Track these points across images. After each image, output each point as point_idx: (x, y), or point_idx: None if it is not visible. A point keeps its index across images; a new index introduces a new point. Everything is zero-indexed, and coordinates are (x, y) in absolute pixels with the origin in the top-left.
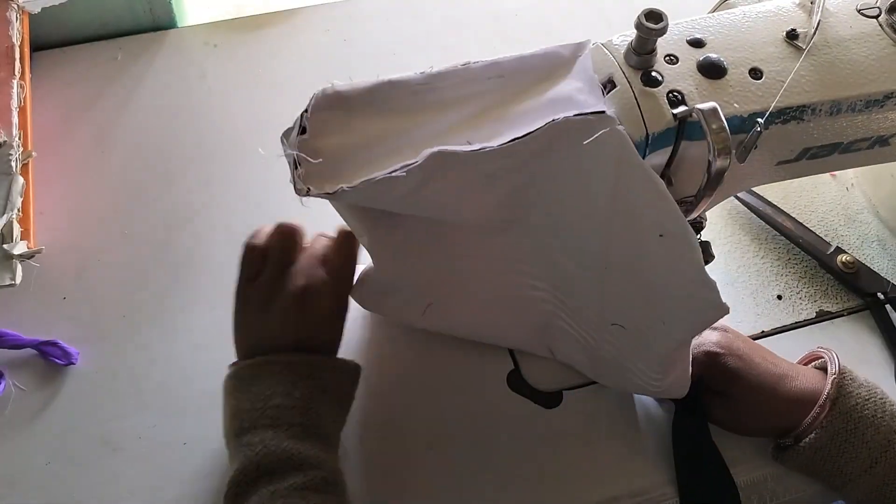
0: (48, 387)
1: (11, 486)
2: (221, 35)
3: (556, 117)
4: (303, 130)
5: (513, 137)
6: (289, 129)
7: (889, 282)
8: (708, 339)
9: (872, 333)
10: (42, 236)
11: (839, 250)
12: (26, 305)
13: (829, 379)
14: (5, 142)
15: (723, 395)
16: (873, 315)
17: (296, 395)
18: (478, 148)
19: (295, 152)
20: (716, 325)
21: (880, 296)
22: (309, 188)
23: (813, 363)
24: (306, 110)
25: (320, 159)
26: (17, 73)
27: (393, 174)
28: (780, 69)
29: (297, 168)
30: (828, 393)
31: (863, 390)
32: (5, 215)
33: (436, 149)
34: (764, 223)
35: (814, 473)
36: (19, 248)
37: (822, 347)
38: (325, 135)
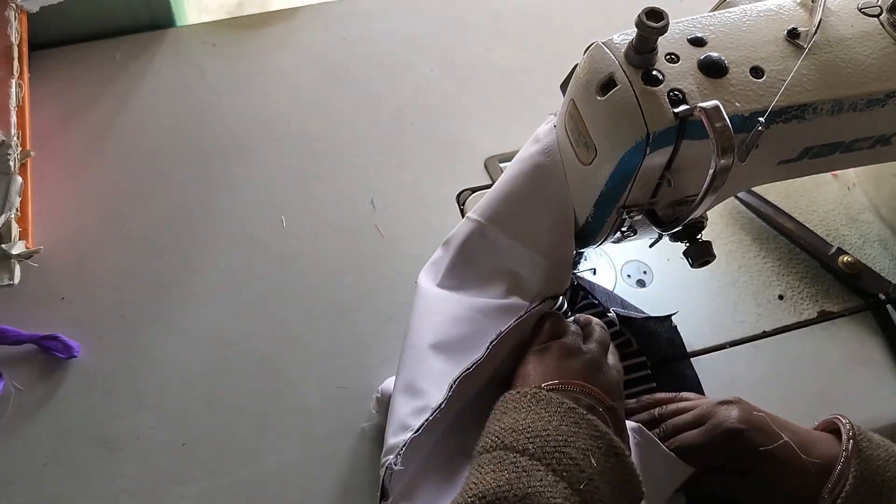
0: (47, 387)
1: (11, 486)
2: (221, 34)
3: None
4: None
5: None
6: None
7: (890, 282)
8: (728, 415)
9: (874, 334)
10: (40, 236)
11: (840, 251)
12: (25, 305)
13: (844, 442)
14: (4, 141)
15: (746, 474)
16: (874, 315)
17: (593, 462)
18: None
19: None
20: (730, 398)
21: (882, 296)
22: None
23: (826, 429)
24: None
25: None
26: (15, 72)
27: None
28: (782, 68)
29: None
30: (844, 458)
31: (881, 451)
32: (3, 215)
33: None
34: (765, 224)
35: None
36: (18, 247)
37: (837, 416)
38: None
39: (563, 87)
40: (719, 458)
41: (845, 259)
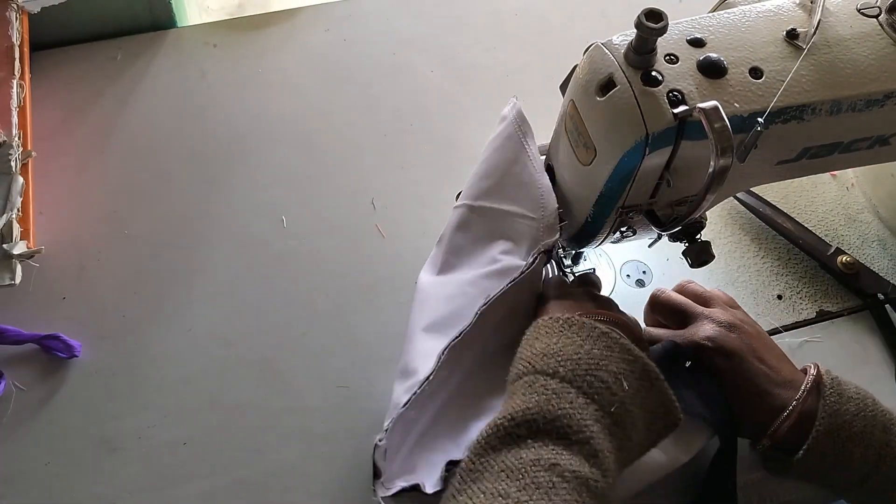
0: (48, 386)
1: (11, 486)
2: (221, 35)
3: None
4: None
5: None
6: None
7: (889, 282)
8: (702, 331)
9: (872, 334)
10: (42, 236)
11: (839, 251)
12: (26, 305)
13: (801, 392)
14: (5, 141)
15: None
16: (873, 315)
17: (625, 385)
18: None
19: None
20: (726, 317)
21: (880, 296)
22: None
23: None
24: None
25: None
26: (16, 72)
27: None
28: (781, 69)
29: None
30: (793, 406)
31: (851, 405)
32: (5, 215)
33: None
34: (764, 224)
35: (807, 482)
36: (19, 247)
37: (811, 364)
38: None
39: (563, 87)
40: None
41: (844, 259)
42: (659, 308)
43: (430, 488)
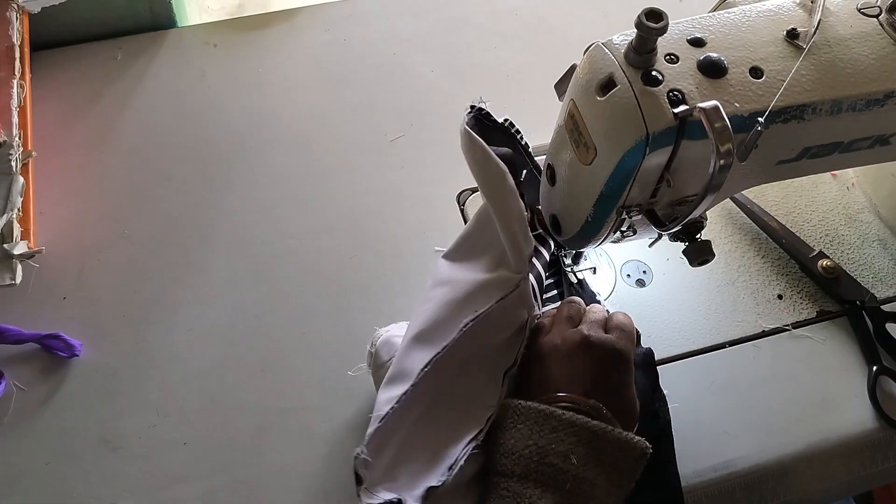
0: (49, 386)
1: (12, 486)
2: (221, 35)
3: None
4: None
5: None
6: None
7: (868, 290)
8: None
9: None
10: (42, 236)
11: (822, 255)
12: (26, 305)
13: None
14: (5, 141)
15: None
16: (850, 322)
17: (573, 460)
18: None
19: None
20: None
21: (858, 303)
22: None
23: None
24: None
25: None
26: (17, 72)
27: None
28: (781, 68)
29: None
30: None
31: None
32: (5, 215)
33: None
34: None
35: None
36: (19, 247)
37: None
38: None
39: (558, 87)
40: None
41: (825, 263)
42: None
43: (411, 502)
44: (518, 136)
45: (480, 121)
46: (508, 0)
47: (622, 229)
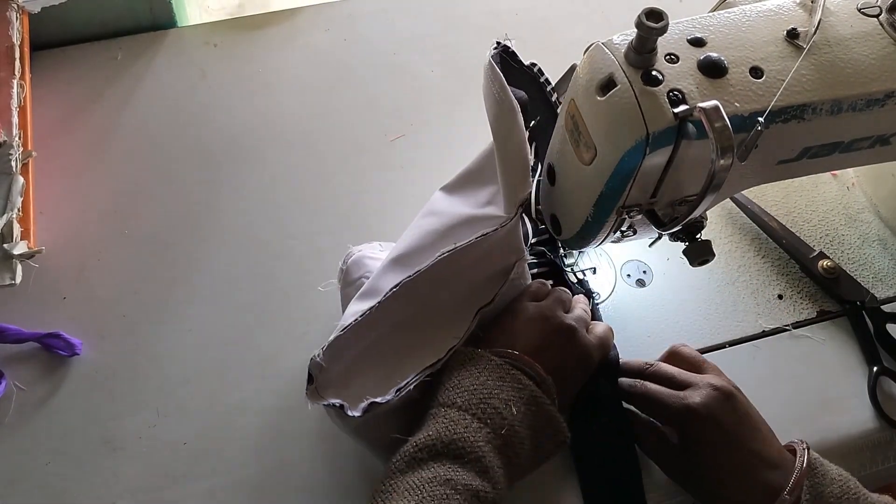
0: (49, 385)
1: (12, 486)
2: (221, 35)
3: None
4: (311, 380)
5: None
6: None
7: (868, 291)
8: (693, 397)
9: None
10: (42, 236)
11: (822, 255)
12: (26, 305)
13: (795, 475)
14: (5, 141)
15: (687, 451)
16: (850, 322)
17: (514, 410)
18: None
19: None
20: (725, 386)
21: (858, 303)
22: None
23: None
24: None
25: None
26: (17, 72)
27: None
28: (781, 68)
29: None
30: (790, 491)
31: (835, 487)
32: (5, 215)
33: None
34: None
35: None
36: (19, 247)
37: (796, 442)
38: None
39: (558, 87)
40: (668, 420)
41: (825, 264)
42: (652, 379)
43: (351, 412)
44: (541, 80)
45: (506, 59)
46: (508, 0)
47: (622, 229)
